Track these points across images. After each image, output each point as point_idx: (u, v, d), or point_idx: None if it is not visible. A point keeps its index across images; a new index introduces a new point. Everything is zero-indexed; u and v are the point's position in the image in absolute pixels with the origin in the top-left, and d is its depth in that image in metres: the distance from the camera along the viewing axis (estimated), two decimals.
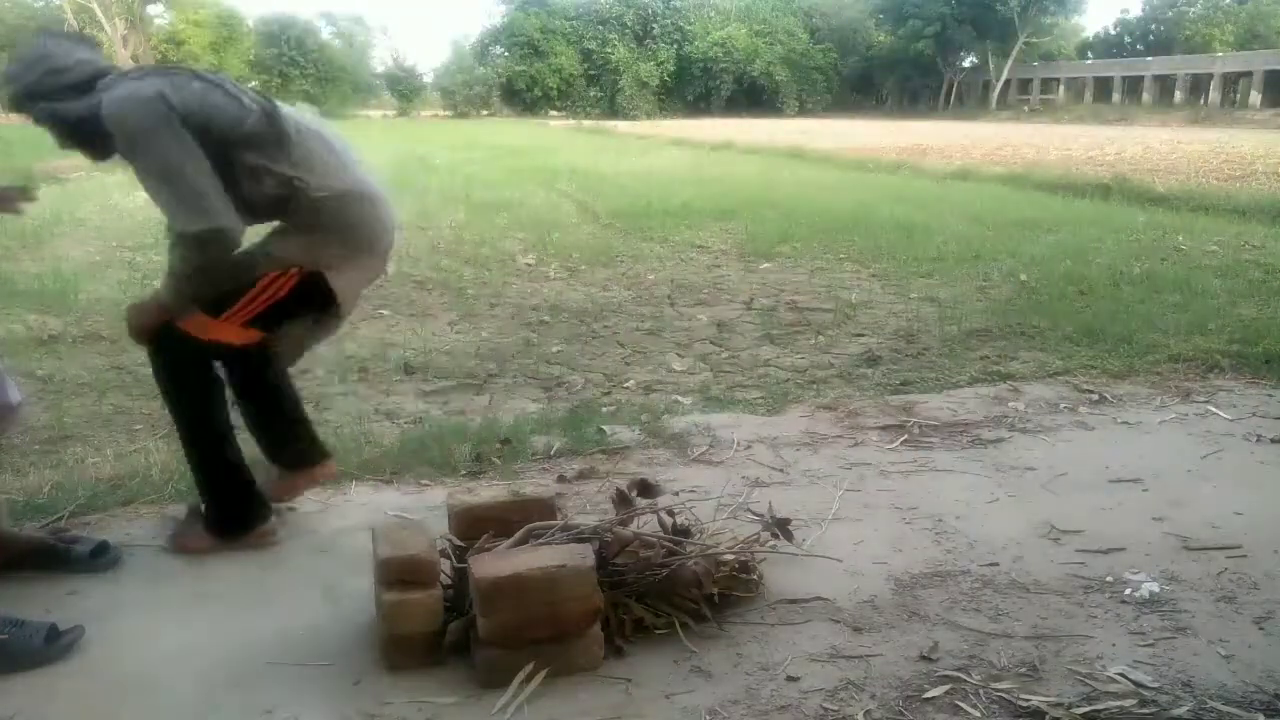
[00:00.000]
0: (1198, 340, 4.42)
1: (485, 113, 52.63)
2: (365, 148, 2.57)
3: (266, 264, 2.23)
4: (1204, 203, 9.84)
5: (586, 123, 36.75)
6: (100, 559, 2.28)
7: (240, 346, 2.30)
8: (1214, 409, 3.56)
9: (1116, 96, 46.46)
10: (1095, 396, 3.71)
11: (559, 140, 24.91)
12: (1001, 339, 4.66)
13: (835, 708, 1.79)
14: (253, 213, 2.21)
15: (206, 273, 2.13)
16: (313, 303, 2.32)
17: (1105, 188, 11.20)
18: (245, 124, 2.13)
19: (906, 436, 3.26)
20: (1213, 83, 43.30)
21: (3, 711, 1.77)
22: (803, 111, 51.62)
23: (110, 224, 8.50)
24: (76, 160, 15.39)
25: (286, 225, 2.27)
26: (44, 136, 2.18)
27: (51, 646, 1.94)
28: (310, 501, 2.70)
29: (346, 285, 2.31)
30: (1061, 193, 11.33)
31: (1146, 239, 7.73)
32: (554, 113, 51.10)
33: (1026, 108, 48.51)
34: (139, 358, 4.28)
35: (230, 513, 2.38)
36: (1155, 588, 2.23)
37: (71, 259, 6.60)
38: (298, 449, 2.57)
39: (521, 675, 1.83)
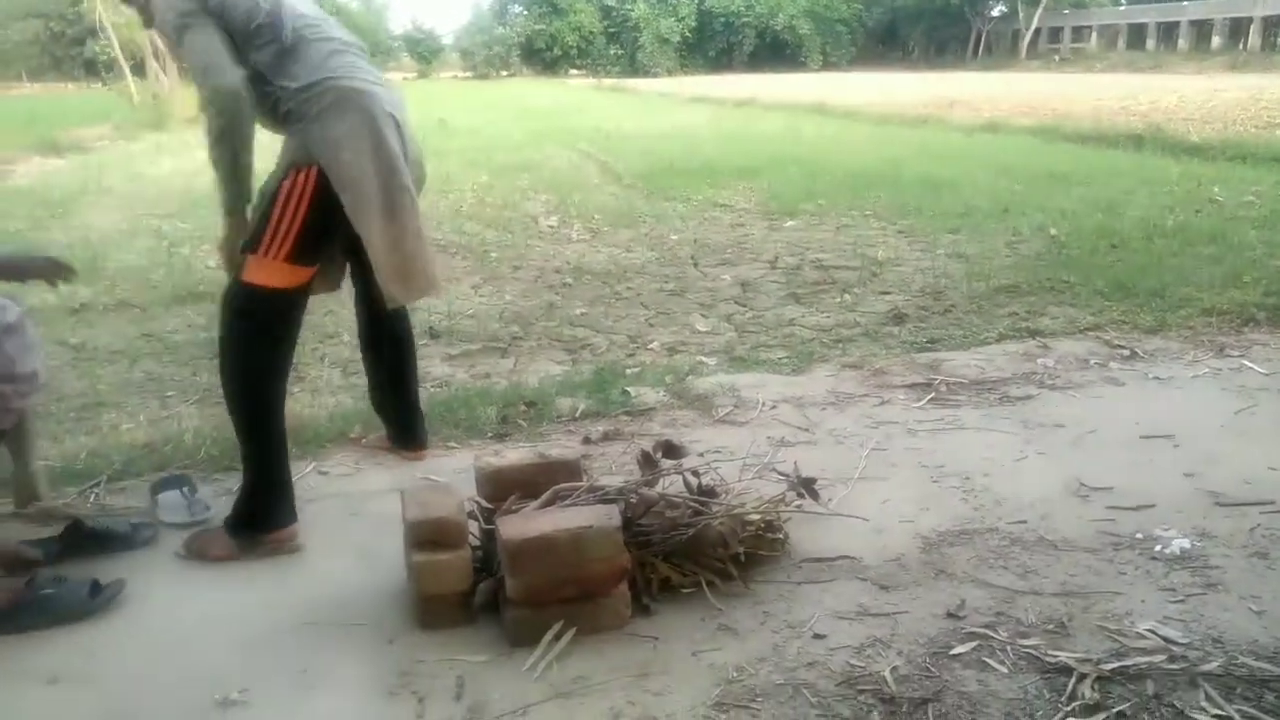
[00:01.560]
0: (1232, 293, 4.34)
1: (505, 73, 52.12)
2: None
3: (278, 181, 2.16)
4: (1240, 152, 9.58)
5: (607, 81, 36.33)
6: (139, 535, 2.30)
7: (293, 290, 2.21)
8: (1248, 363, 3.50)
9: (1151, 43, 45.12)
10: (1126, 352, 3.66)
11: (580, 100, 24.67)
12: (1031, 295, 4.59)
13: (862, 664, 1.80)
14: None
15: (226, 137, 2.09)
16: (338, 212, 2.17)
17: (1138, 138, 10.94)
18: (254, 22, 2.16)
19: (934, 395, 3.24)
20: (1252, 26, 41.85)
21: (46, 669, 1.83)
22: (827, 65, 50.63)
23: (137, 192, 8.57)
24: (101, 130, 15.36)
25: (286, 139, 2.23)
26: (69, 104, 2.21)
27: (94, 600, 1.99)
28: (340, 465, 2.74)
29: (354, 173, 2.15)
30: (1093, 144, 11.08)
31: (1180, 190, 7.55)
32: (574, 71, 50.54)
33: (1057, 57, 47.25)
34: (170, 324, 4.34)
35: (259, 504, 2.25)
36: (1186, 544, 2.21)
37: (99, 228, 6.67)
38: (414, 422, 2.76)
39: (550, 634, 1.86)
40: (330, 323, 4.28)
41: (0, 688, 1.78)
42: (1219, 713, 1.65)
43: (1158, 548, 2.20)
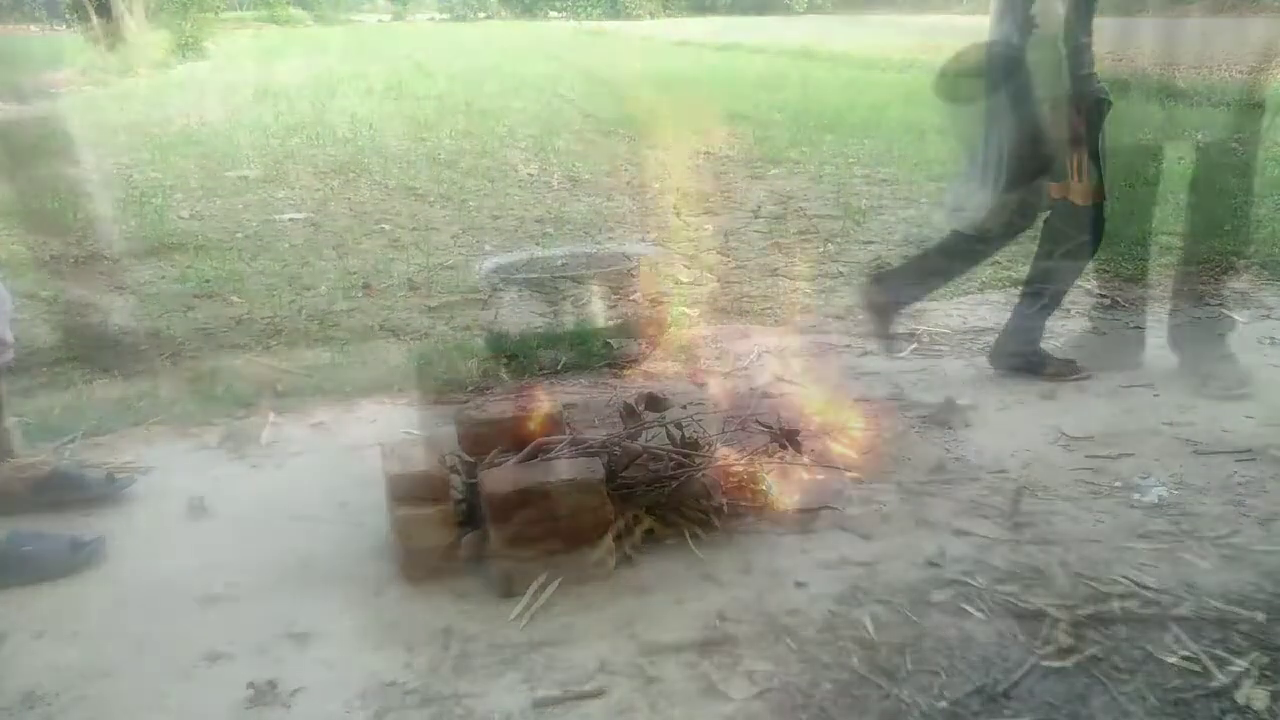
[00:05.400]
0: (1212, 242, 4.34)
1: (483, 15, 50.96)
2: (361, 56, 2.48)
3: None
4: (1225, 97, 9.54)
5: (588, 24, 35.58)
6: (115, 484, 2.29)
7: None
8: (1227, 312, 3.51)
9: None
10: (1108, 301, 3.67)
11: (559, 43, 24.19)
12: (1014, 244, 4.57)
13: (842, 611, 1.83)
14: None
15: None
16: None
17: (1124, 83, 10.85)
18: None
19: (916, 345, 3.24)
20: None
21: (31, 624, 1.82)
22: (812, 8, 49.80)
23: (105, 140, 8.35)
24: (66, 74, 14.89)
25: None
26: (32, 47, 2.14)
27: (75, 556, 1.98)
28: (319, 416, 2.72)
29: None
30: None
31: (1165, 135, 7.52)
32: (554, 14, 49.43)
33: None
34: (142, 277, 4.26)
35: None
36: (1163, 492, 2.24)
37: (68, 177, 6.50)
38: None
39: (536, 584, 1.87)
40: (307, 274, 4.22)
41: None
42: (1186, 653, 1.68)
43: (1135, 496, 2.23)
